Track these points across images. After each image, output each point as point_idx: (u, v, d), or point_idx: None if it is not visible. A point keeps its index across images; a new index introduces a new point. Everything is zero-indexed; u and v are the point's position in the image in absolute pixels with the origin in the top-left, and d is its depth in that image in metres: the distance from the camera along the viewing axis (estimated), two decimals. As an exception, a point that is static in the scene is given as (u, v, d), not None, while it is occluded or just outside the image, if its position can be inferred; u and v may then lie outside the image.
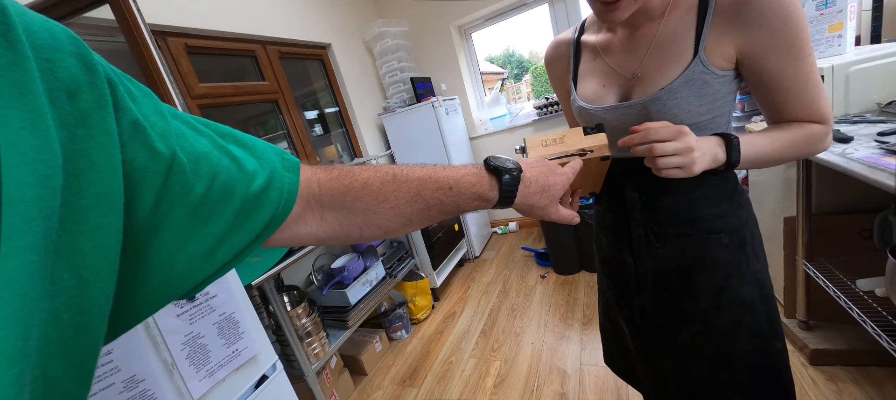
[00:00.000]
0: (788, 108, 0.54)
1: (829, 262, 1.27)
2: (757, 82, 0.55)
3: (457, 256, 2.76)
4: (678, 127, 0.51)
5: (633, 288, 0.68)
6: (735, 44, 0.52)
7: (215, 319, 1.02)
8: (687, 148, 0.50)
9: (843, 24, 1.32)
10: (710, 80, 0.54)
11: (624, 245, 0.68)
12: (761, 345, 0.61)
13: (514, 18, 3.04)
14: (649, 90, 0.57)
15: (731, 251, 0.61)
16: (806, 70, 0.51)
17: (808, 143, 0.54)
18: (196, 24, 1.68)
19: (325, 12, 2.51)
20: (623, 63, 0.62)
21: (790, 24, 0.49)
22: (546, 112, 2.89)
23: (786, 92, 0.53)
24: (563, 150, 0.55)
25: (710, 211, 0.61)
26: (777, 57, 0.50)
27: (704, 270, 0.61)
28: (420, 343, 2.06)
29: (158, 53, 1.19)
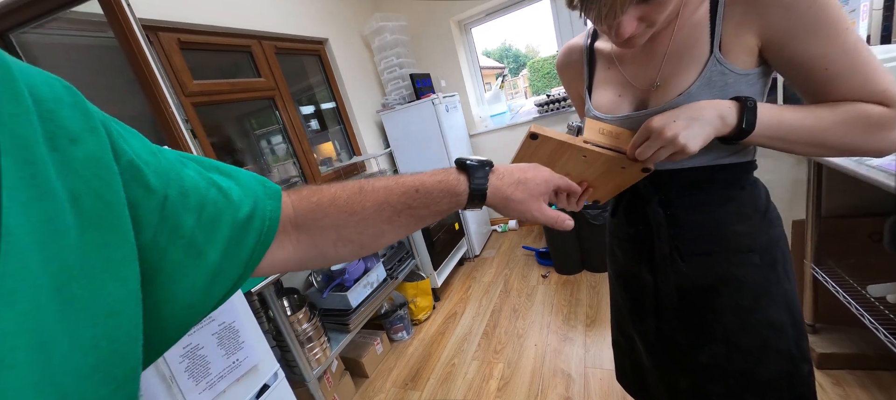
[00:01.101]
0: (836, 90, 0.45)
1: (838, 265, 1.25)
2: (791, 72, 0.48)
3: (457, 255, 2.73)
4: (643, 127, 0.50)
5: (650, 305, 0.65)
6: (755, 32, 0.47)
7: (215, 330, 0.98)
8: (662, 139, 0.48)
9: (855, 23, 1.30)
10: (730, 81, 0.50)
11: (642, 261, 0.65)
12: (789, 368, 0.59)
13: (515, 13, 2.99)
14: (667, 97, 0.54)
15: (760, 271, 0.57)
16: (847, 47, 0.43)
17: (865, 127, 0.44)
18: (189, 18, 1.62)
19: (323, 6, 2.45)
20: (640, 74, 0.59)
21: (813, 4, 0.43)
22: (547, 110, 2.86)
23: (826, 76, 0.45)
24: (614, 145, 0.54)
25: (741, 227, 0.57)
26: (808, 38, 0.44)
27: (728, 290, 0.58)
28: (421, 345, 2.04)
29: (150, 49, 1.14)
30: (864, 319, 1.08)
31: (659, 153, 0.49)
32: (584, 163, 0.55)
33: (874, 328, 1.04)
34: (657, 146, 0.48)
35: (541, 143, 0.54)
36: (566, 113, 2.81)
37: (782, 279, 0.58)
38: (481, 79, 3.29)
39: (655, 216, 0.60)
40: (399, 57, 2.71)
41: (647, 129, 0.49)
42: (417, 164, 2.80)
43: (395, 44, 2.70)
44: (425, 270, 2.35)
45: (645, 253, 0.64)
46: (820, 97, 0.48)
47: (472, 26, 3.11)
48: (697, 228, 0.59)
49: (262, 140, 2.19)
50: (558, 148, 0.54)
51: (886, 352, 1.05)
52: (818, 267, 1.28)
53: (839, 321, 1.32)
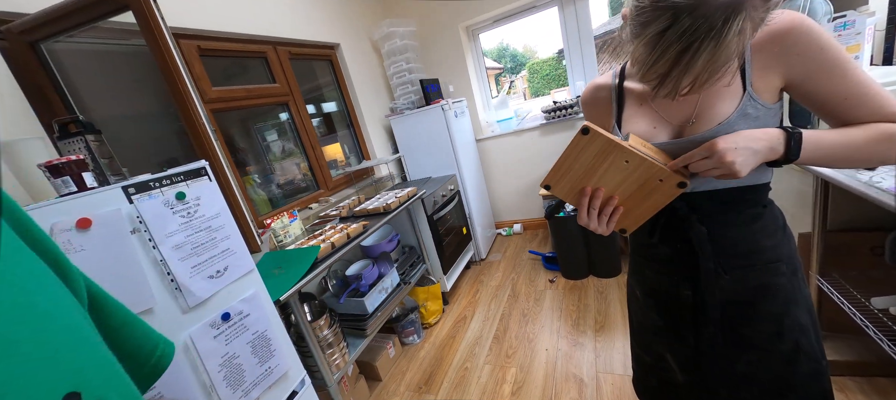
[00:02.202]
0: (857, 116, 0.54)
1: (842, 277, 1.31)
2: (813, 103, 0.57)
3: (465, 258, 2.77)
4: (709, 144, 0.54)
5: (688, 322, 0.69)
6: (779, 74, 0.56)
7: (249, 338, 1.01)
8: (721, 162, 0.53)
9: (861, 46, 1.36)
10: (761, 114, 0.58)
11: (681, 278, 0.69)
12: (816, 366, 0.65)
13: (522, 20, 3.02)
14: (707, 126, 0.60)
15: (788, 279, 0.64)
16: (858, 80, 0.52)
17: (888, 141, 0.52)
18: (208, 25, 1.63)
19: (334, 12, 2.46)
20: (675, 111, 0.64)
21: (824, 46, 0.52)
22: (553, 116, 2.90)
23: (846, 105, 0.54)
24: (654, 157, 0.58)
25: (769, 242, 0.64)
26: (825, 77, 0.53)
27: (765, 299, 0.64)
28: (433, 348, 2.07)
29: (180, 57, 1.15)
30: (867, 330, 1.14)
31: (712, 171, 0.54)
32: (623, 171, 0.58)
33: (878, 339, 1.10)
34: (714, 165, 0.53)
35: (591, 139, 0.57)
36: (572, 120, 2.86)
37: (802, 285, 0.66)
38: (488, 84, 3.32)
39: (698, 234, 0.64)
40: (408, 62, 2.73)
41: (710, 147, 0.54)
42: (426, 169, 2.83)
43: (405, 49, 2.72)
44: (435, 275, 2.38)
45: (684, 271, 0.68)
46: (841, 123, 0.56)
47: (479, 32, 3.14)
48: (735, 243, 0.64)
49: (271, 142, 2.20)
50: (605, 147, 0.57)
51: (887, 359, 1.11)
52: (823, 279, 1.33)
53: (842, 330, 1.38)
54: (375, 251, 2.05)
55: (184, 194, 0.88)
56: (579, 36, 2.87)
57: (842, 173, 1.08)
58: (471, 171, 2.93)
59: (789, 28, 0.53)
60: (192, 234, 0.88)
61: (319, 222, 2.01)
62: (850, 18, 1.38)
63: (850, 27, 1.37)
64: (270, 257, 1.49)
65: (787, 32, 0.53)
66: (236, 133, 1.99)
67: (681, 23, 0.44)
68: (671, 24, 0.45)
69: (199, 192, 0.91)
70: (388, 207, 1.90)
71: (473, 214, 2.90)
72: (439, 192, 2.46)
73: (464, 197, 2.83)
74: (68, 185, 0.77)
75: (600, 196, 0.61)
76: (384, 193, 2.27)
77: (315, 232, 1.71)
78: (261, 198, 2.01)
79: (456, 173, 2.76)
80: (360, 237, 1.65)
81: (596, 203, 0.61)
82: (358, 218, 1.91)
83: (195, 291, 0.88)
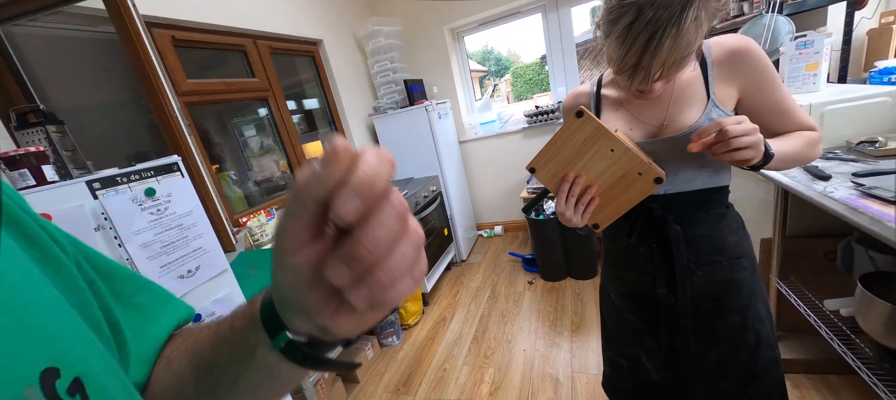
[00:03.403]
0: (787, 124, 0.69)
1: (799, 281, 1.40)
2: (759, 112, 0.68)
3: (446, 259, 2.78)
4: (716, 122, 0.59)
5: (665, 319, 0.72)
6: (736, 86, 0.67)
7: (221, 341, 0.97)
8: (757, 136, 0.57)
9: (819, 64, 1.45)
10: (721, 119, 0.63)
11: (658, 277, 0.72)
12: (772, 355, 0.72)
13: (507, 25, 3.07)
14: (679, 128, 0.67)
15: (749, 274, 0.71)
16: (787, 93, 0.67)
17: (811, 146, 0.67)
18: (184, 15, 1.57)
19: (319, 7, 2.42)
20: (648, 114, 0.71)
21: (768, 64, 0.65)
22: (536, 120, 2.95)
23: (780, 114, 0.68)
24: (637, 153, 0.61)
25: (733, 238, 0.71)
26: (768, 90, 0.66)
27: (731, 293, 0.71)
28: (412, 349, 2.07)
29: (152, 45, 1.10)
30: (820, 330, 1.22)
31: (743, 138, 0.55)
32: (607, 160, 0.61)
33: (829, 338, 1.18)
34: (746, 131, 0.56)
35: (584, 123, 0.59)
36: (553, 124, 2.92)
37: (759, 280, 0.73)
38: (472, 86, 3.34)
39: (674, 232, 0.69)
40: (393, 61, 2.72)
41: (753, 126, 0.57)
42: (409, 169, 2.82)
43: (390, 48, 2.71)
44: (415, 275, 2.37)
45: (661, 269, 0.72)
46: (777, 129, 0.69)
47: (464, 34, 3.16)
48: (704, 241, 0.71)
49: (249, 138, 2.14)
50: (595, 132, 0.60)
51: (837, 358, 1.19)
52: (782, 281, 1.42)
53: (798, 330, 1.47)
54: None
55: (154, 190, 0.85)
56: (561, 43, 2.94)
57: (800, 183, 1.15)
58: (453, 173, 2.94)
59: (746, 47, 0.64)
60: (161, 231, 0.85)
61: (298, 221, 1.97)
62: (810, 38, 1.48)
63: (809, 46, 1.47)
64: (246, 257, 1.45)
65: (744, 50, 0.64)
66: (212, 128, 1.92)
67: (644, 15, 0.52)
68: (637, 17, 0.53)
69: (171, 189, 0.88)
70: (370, 207, 1.88)
71: (455, 216, 2.91)
72: (421, 192, 2.46)
73: (446, 198, 2.84)
74: (26, 178, 0.73)
75: (581, 183, 0.63)
76: (366, 193, 2.25)
77: (293, 231, 1.67)
78: (237, 195, 1.95)
79: (438, 174, 2.77)
80: (339, 237, 1.62)
81: (575, 190, 0.64)
82: (338, 217, 1.88)
83: (164, 292, 0.84)
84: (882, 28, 1.56)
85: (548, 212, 2.36)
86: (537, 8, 2.89)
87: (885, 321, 0.96)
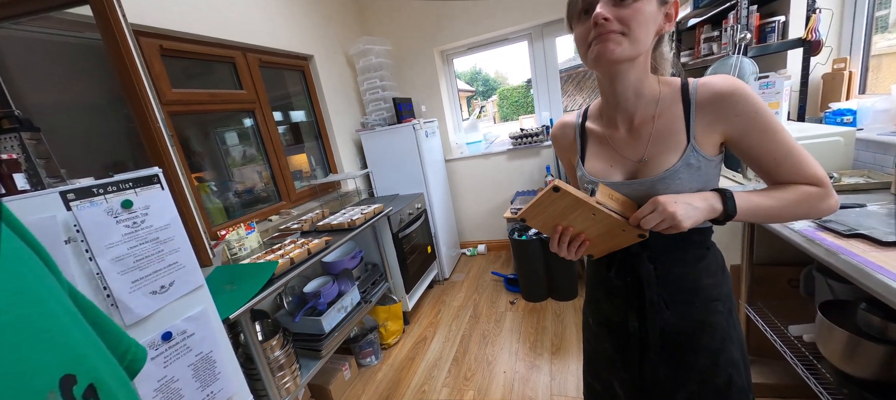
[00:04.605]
0: (780, 173, 0.63)
1: (766, 306, 1.46)
2: (748, 158, 0.64)
3: (428, 277, 2.76)
4: (651, 201, 0.60)
5: (635, 350, 0.74)
6: (719, 132, 0.63)
7: (191, 360, 0.94)
8: (665, 213, 0.58)
9: (780, 103, 1.57)
10: (702, 165, 0.65)
11: (630, 309, 0.74)
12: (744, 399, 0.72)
13: (494, 50, 3.18)
14: (654, 172, 0.67)
15: (724, 317, 0.71)
16: (785, 141, 0.61)
17: (806, 202, 0.61)
18: (173, 25, 1.57)
19: (311, 24, 2.45)
20: (628, 149, 0.71)
21: (758, 110, 0.60)
22: (520, 142, 3.03)
23: (773, 162, 0.62)
24: (619, 210, 0.63)
25: (710, 280, 0.71)
26: (758, 136, 0.61)
27: (704, 334, 0.70)
28: (391, 370, 2.03)
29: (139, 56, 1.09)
30: (785, 355, 1.27)
31: (660, 224, 0.59)
32: (591, 220, 0.64)
33: (794, 363, 1.23)
34: (660, 219, 0.59)
35: (560, 196, 0.61)
36: (538, 148, 3.00)
37: (736, 324, 0.73)
38: (460, 106, 3.42)
39: (646, 270, 0.70)
40: (382, 80, 2.76)
41: (654, 202, 0.59)
42: (394, 186, 2.83)
43: (380, 67, 2.75)
44: (397, 294, 2.35)
45: (633, 302, 0.73)
46: (771, 176, 0.65)
47: (454, 57, 3.25)
48: (679, 280, 0.71)
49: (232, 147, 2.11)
50: (574, 203, 0.62)
51: (801, 382, 1.24)
52: (751, 307, 1.48)
53: (766, 354, 1.53)
54: (337, 268, 1.99)
55: (130, 202, 0.83)
56: (546, 69, 3.06)
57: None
58: (439, 191, 2.97)
59: (730, 91, 0.60)
60: (136, 245, 0.83)
61: (279, 235, 1.94)
62: (772, 79, 1.59)
63: (771, 87, 1.58)
64: (222, 271, 1.41)
65: (728, 95, 0.61)
66: (193, 135, 1.88)
67: None
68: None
69: (149, 201, 0.86)
70: (353, 223, 1.87)
71: (439, 233, 2.91)
72: (406, 210, 2.46)
73: (430, 216, 2.85)
74: (-6, 186, 0.70)
75: (570, 233, 0.67)
76: (350, 208, 2.24)
77: (274, 246, 1.64)
78: (216, 206, 1.90)
79: (424, 192, 2.78)
80: (321, 253, 1.61)
81: (566, 238, 0.67)
82: (321, 233, 1.86)
83: (134, 308, 0.81)
84: (835, 73, 1.70)
85: (530, 233, 2.40)
86: (524, 36, 3.01)
87: (843, 348, 1.01)
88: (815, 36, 1.62)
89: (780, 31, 1.78)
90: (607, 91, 0.69)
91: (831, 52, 1.74)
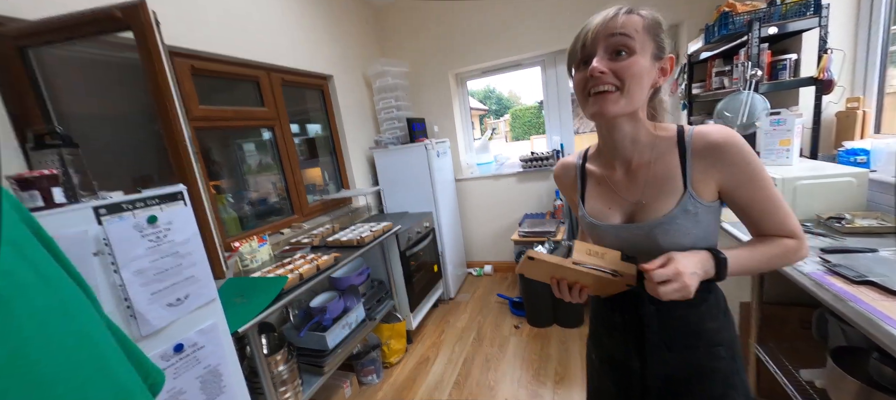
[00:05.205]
0: (765, 225, 0.67)
1: (777, 347, 1.42)
2: (737, 208, 0.68)
3: (433, 296, 2.76)
4: (673, 268, 0.60)
5: (636, 390, 0.74)
6: (714, 180, 0.66)
7: (199, 372, 0.97)
8: (681, 283, 0.59)
9: (791, 141, 1.56)
10: (700, 211, 0.66)
11: (631, 348, 0.74)
12: None
13: (508, 74, 3.25)
14: (652, 216, 0.68)
15: (726, 363, 0.70)
16: (771, 195, 0.65)
17: (785, 256, 0.66)
18: (204, 46, 1.67)
19: (331, 45, 2.56)
20: (626, 193, 0.73)
21: (750, 162, 0.63)
22: (530, 165, 3.06)
23: (760, 213, 0.66)
24: (600, 265, 0.64)
25: (712, 325, 0.71)
26: (747, 187, 0.65)
27: (706, 379, 0.70)
28: (392, 390, 2.02)
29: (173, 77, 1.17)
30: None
31: (674, 293, 0.59)
32: (578, 274, 0.67)
33: (805, 410, 1.19)
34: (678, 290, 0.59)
35: (536, 264, 0.65)
36: (548, 171, 3.02)
37: (741, 369, 0.72)
38: (471, 127, 3.48)
39: (648, 311, 0.71)
40: (397, 100, 2.84)
41: (676, 274, 0.59)
42: (404, 203, 2.87)
43: (395, 87, 2.84)
44: (402, 312, 2.36)
45: (633, 342, 0.74)
46: (754, 226, 0.69)
47: (467, 79, 3.33)
48: (680, 322, 0.71)
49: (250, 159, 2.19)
50: (553, 269, 0.66)
51: (814, 431, 1.20)
52: (761, 347, 1.44)
53: (777, 398, 1.48)
54: (343, 284, 2.02)
55: (155, 218, 0.88)
56: (558, 95, 3.10)
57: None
58: (447, 210, 3.00)
59: (725, 142, 0.63)
60: (157, 259, 0.87)
61: (290, 249, 1.99)
62: (783, 116, 1.60)
63: (782, 124, 1.58)
64: (233, 284, 1.45)
65: (722, 145, 0.63)
66: (214, 145, 1.97)
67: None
68: None
69: (173, 217, 0.91)
70: (362, 241, 1.91)
71: (446, 252, 2.93)
72: (414, 228, 2.50)
73: (438, 235, 2.87)
74: (35, 199, 0.76)
75: (566, 282, 0.69)
76: (359, 225, 2.28)
77: (284, 260, 1.68)
78: (231, 217, 1.97)
79: (433, 211, 2.82)
80: (330, 269, 1.64)
81: (564, 286, 0.69)
82: (330, 248, 1.90)
83: (151, 320, 0.85)
84: (848, 111, 1.69)
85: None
86: (537, 61, 3.08)
87: (854, 398, 0.99)
88: (826, 75, 1.62)
89: (791, 69, 1.79)
90: (605, 138, 0.73)
91: (844, 91, 1.73)
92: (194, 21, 1.62)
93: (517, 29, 2.87)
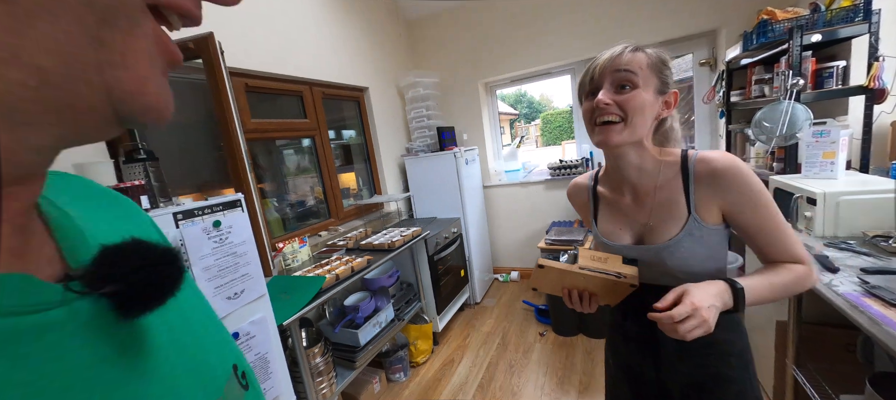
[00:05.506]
0: (771, 250, 0.69)
1: (817, 370, 1.36)
2: (742, 232, 0.70)
3: (460, 300, 2.83)
4: (690, 303, 0.60)
5: (652, 397, 0.78)
6: (718, 205, 0.69)
7: (251, 359, 1.11)
8: (699, 318, 0.59)
9: (835, 153, 1.49)
10: (705, 234, 0.70)
11: (647, 357, 0.78)
12: None
13: (538, 82, 3.27)
14: (659, 240, 0.72)
15: (738, 372, 0.73)
16: (775, 221, 0.67)
17: (797, 282, 0.68)
18: (257, 66, 1.86)
19: (367, 59, 2.73)
20: (635, 215, 0.77)
21: (752, 188, 0.65)
22: (559, 173, 3.06)
23: (765, 237, 0.68)
24: (603, 268, 0.70)
25: (724, 335, 0.73)
26: (751, 212, 0.67)
27: (719, 387, 0.73)
28: (418, 388, 2.11)
29: (232, 96, 1.34)
30: (835, 428, 1.18)
31: (695, 331, 0.59)
32: (585, 280, 0.72)
33: (843, 437, 1.14)
34: (698, 326, 0.59)
35: (546, 272, 0.71)
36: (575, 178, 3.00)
37: (753, 379, 0.75)
38: (500, 136, 3.53)
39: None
40: (428, 109, 2.96)
41: (694, 307, 0.60)
42: (433, 209, 2.98)
43: (427, 97, 2.96)
44: (429, 314, 2.45)
45: (649, 351, 0.78)
46: (761, 251, 0.71)
47: (497, 88, 3.39)
48: None
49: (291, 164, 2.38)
50: (561, 275, 0.71)
51: (856, 460, 1.14)
52: (799, 369, 1.38)
53: (817, 423, 1.41)
54: (375, 284, 2.15)
55: (219, 222, 1.02)
56: (588, 103, 3.08)
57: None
58: (475, 216, 3.06)
59: (727, 169, 0.66)
60: (220, 258, 1.02)
61: (327, 250, 2.14)
62: (828, 127, 1.53)
63: (826, 135, 1.51)
64: (278, 281, 1.61)
65: (725, 172, 0.66)
66: (259, 151, 2.16)
67: None
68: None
69: (232, 222, 1.06)
70: (393, 245, 2.02)
71: (473, 258, 2.99)
72: (442, 233, 2.58)
73: (465, 240, 2.94)
74: (129, 206, 0.92)
75: (576, 292, 0.75)
76: (390, 230, 2.40)
77: (321, 261, 1.83)
78: (274, 219, 2.16)
79: (461, 217, 2.89)
80: (363, 271, 1.76)
81: (574, 296, 0.75)
82: (363, 251, 2.03)
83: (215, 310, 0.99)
84: (907, 122, 1.58)
85: (563, 259, 2.40)
86: (567, 70, 3.08)
87: (894, 427, 0.94)
88: (878, 84, 1.53)
89: (839, 77, 1.69)
90: (612, 164, 0.78)
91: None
92: (248, 43, 1.82)
93: (547, 38, 2.89)
